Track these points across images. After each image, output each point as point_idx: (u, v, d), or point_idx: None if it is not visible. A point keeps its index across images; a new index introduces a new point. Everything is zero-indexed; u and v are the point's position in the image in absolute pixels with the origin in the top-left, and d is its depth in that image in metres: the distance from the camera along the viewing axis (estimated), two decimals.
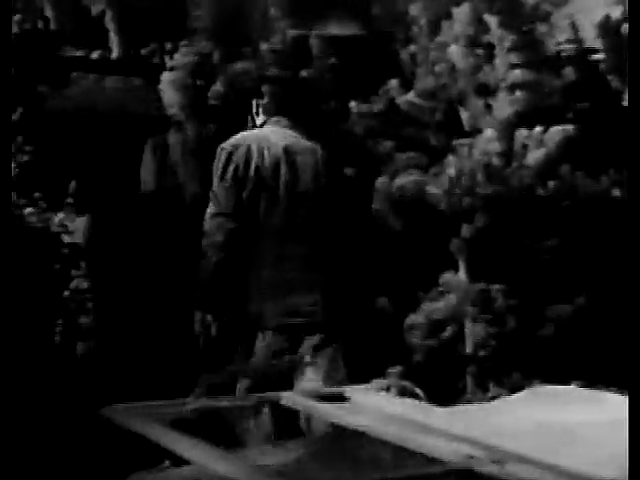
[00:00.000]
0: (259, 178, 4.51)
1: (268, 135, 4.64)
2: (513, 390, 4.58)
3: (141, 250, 5.97)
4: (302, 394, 3.20)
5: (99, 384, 5.08)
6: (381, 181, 6.08)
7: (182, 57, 6.34)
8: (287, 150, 4.60)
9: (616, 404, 2.76)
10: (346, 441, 2.86)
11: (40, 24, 6.58)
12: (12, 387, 3.86)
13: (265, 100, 4.79)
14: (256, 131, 4.73)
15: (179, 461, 2.81)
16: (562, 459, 2.31)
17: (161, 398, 3.23)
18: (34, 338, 5.07)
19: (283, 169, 4.57)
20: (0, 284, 3.49)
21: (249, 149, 4.54)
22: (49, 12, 6.58)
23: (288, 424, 3.77)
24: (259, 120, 4.80)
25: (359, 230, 5.36)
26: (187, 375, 4.64)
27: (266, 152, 4.54)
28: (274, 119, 4.73)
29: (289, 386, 4.24)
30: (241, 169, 4.51)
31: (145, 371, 5.29)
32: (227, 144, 4.61)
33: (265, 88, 4.84)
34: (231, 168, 4.51)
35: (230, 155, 4.54)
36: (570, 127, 5.80)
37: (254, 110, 4.81)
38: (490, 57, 6.01)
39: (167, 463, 3.31)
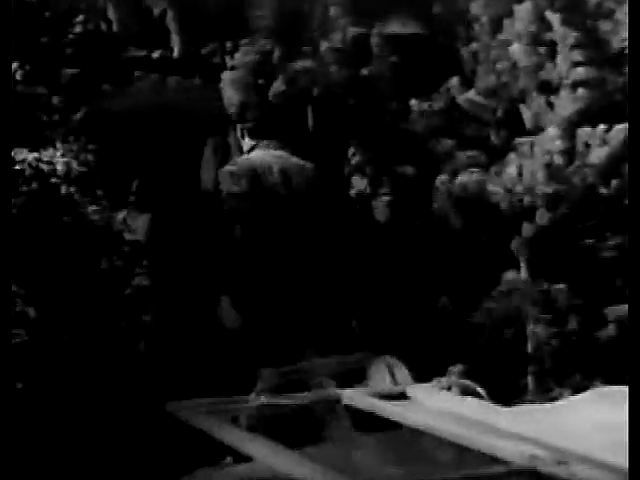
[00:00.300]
0: (260, 199, 4.61)
1: (261, 160, 4.72)
2: (575, 390, 4.54)
3: (201, 248, 6.00)
4: (364, 392, 3.21)
5: (162, 380, 5.11)
6: (441, 180, 6.06)
7: (243, 56, 6.37)
8: (282, 173, 4.68)
9: None
10: (408, 439, 2.85)
11: (103, 25, 6.65)
12: (78, 383, 3.91)
13: (250, 124, 4.84)
14: (247, 157, 4.80)
15: (241, 457, 2.83)
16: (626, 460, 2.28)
17: (222, 394, 3.25)
18: (97, 335, 5.11)
19: (281, 191, 4.66)
20: (64, 281, 3.55)
21: (247, 175, 4.64)
22: (112, 13, 6.65)
23: (350, 422, 3.77)
24: (246, 145, 4.86)
25: (419, 229, 5.34)
26: (248, 371, 4.66)
27: (263, 178, 4.64)
28: (263, 143, 4.80)
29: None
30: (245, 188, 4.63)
31: (206, 367, 5.32)
32: (227, 168, 4.73)
33: (250, 113, 4.88)
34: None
35: (236, 175, 4.67)
36: None
37: (239, 135, 4.87)
38: (552, 55, 5.96)
39: (229, 459, 3.32)
